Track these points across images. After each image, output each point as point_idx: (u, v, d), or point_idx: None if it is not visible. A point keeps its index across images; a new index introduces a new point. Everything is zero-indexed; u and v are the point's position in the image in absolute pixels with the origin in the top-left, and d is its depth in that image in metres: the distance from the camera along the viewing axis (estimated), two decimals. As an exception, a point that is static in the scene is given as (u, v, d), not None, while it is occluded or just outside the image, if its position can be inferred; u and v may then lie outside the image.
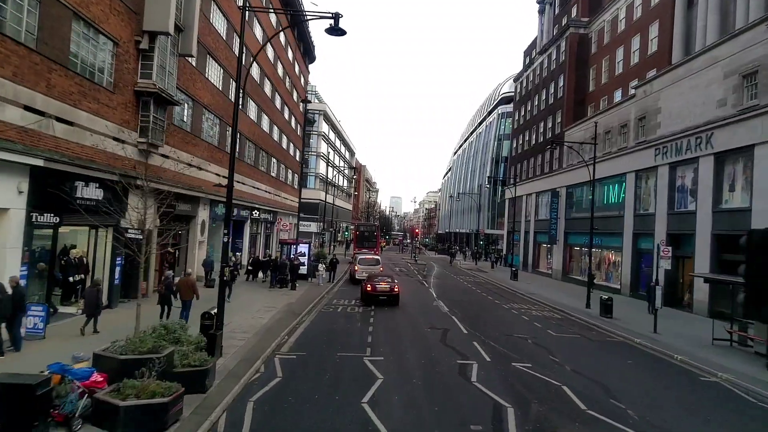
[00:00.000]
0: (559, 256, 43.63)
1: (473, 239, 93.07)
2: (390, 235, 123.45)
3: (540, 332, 18.65)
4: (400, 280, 35.23)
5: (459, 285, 35.47)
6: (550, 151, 47.97)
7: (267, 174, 41.68)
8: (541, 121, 51.06)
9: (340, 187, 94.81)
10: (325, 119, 78.89)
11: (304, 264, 31.32)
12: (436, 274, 43.44)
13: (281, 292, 25.65)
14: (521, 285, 36.97)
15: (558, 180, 44.60)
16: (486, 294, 30.71)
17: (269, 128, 41.69)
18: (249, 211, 35.91)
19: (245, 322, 17.32)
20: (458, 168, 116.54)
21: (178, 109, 22.94)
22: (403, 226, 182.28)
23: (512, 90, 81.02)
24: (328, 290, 27.97)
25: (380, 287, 23.42)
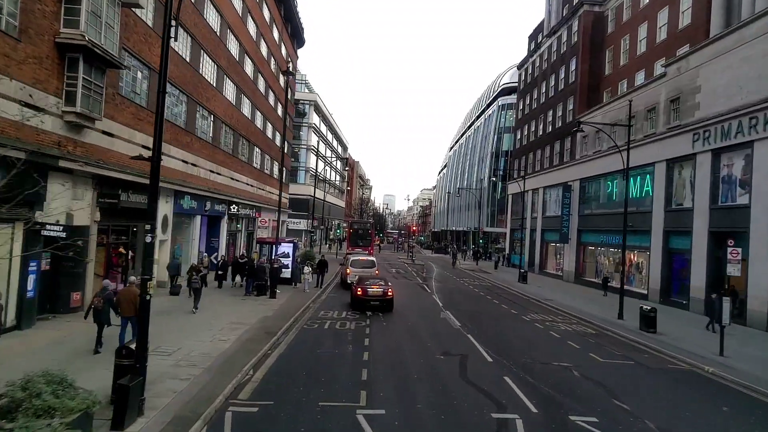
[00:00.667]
0: (572, 256, 39.68)
1: (471, 237, 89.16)
2: (384, 233, 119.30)
3: (582, 357, 14.60)
4: (398, 283, 31.29)
5: (464, 289, 31.39)
6: (560, 141, 43.97)
7: (248, 165, 37.39)
8: (549, 110, 47.05)
9: (332, 183, 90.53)
10: (316, 110, 74.56)
11: (287, 266, 27.13)
12: (436, 276, 39.35)
13: (258, 301, 21.43)
14: (532, 289, 32.99)
15: (570, 173, 40.63)
16: (497, 301, 26.64)
17: (251, 113, 37.37)
18: (226, 205, 31.61)
19: (200, 347, 13.09)
20: (454, 164, 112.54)
21: (128, 78, 18.63)
22: (398, 224, 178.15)
23: (514, 80, 77.13)
24: (315, 297, 23.78)
25: (372, 291, 20.64)
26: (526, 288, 33.56)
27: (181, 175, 23.75)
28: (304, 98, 72.32)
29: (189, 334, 14.36)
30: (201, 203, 26.79)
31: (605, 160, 34.78)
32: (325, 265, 27.84)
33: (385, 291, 20.80)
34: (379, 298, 20.59)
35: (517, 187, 55.00)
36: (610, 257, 35.26)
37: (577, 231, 39.01)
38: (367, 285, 20.96)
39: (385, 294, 20.72)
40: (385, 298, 20.69)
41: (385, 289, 20.90)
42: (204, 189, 26.77)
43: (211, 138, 28.65)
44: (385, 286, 21.08)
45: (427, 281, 34.50)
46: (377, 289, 20.81)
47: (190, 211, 25.44)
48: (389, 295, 20.76)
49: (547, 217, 45.73)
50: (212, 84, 28.15)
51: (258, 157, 40.47)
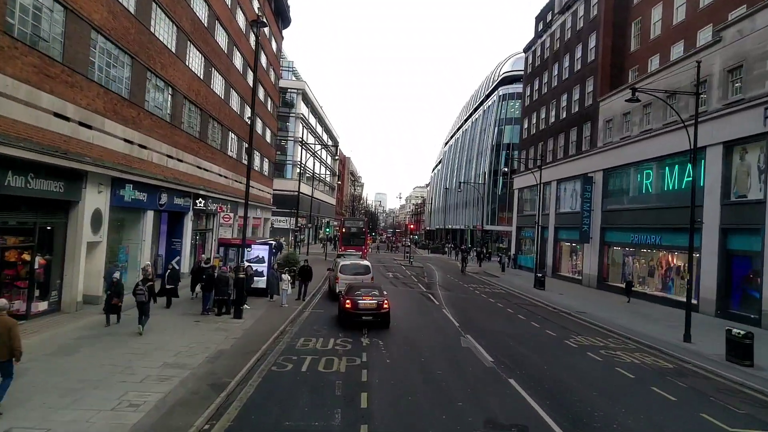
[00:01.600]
0: (593, 257, 34.76)
1: (469, 236, 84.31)
2: (378, 232, 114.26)
3: (690, 419, 9.56)
4: (398, 293, 26.23)
5: (477, 300, 26.33)
6: (577, 128, 39.02)
7: (222, 153, 32.08)
8: (563, 94, 42.12)
9: (321, 179, 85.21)
10: (304, 100, 69.17)
11: (262, 275, 21.93)
12: (441, 281, 34.26)
13: (216, 323, 16.20)
14: (554, 297, 28.05)
15: (590, 163, 35.70)
16: (523, 316, 21.59)
17: (225, 92, 32.04)
18: (191, 198, 26.31)
19: (89, 425, 7.86)
20: (450, 159, 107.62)
21: (24, 12, 13.30)
22: (391, 223, 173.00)
23: (516, 68, 72.40)
24: (295, 316, 18.58)
25: (364, 303, 16.82)
26: (546, 296, 28.61)
27: (122, 158, 18.45)
28: (291, 86, 66.95)
29: (86, 392, 9.14)
30: (153, 195, 21.49)
31: (636, 146, 29.87)
32: (308, 272, 22.57)
33: (380, 303, 16.89)
34: (372, 311, 16.74)
35: (524, 181, 50.16)
36: (642, 259, 30.37)
37: (599, 229, 34.11)
38: (358, 296, 17.02)
39: (380, 306, 16.84)
40: (380, 312, 16.84)
41: (379, 300, 16.97)
42: (157, 177, 21.46)
43: (170, 116, 23.35)
44: (379, 297, 17.17)
45: (431, 288, 29.38)
46: (370, 301, 16.88)
47: (137, 204, 20.12)
48: (385, 308, 16.90)
49: (562, 213, 40.83)
50: (170, 48, 22.81)
51: (234, 144, 35.16)
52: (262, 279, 21.87)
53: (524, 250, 50.48)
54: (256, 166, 42.66)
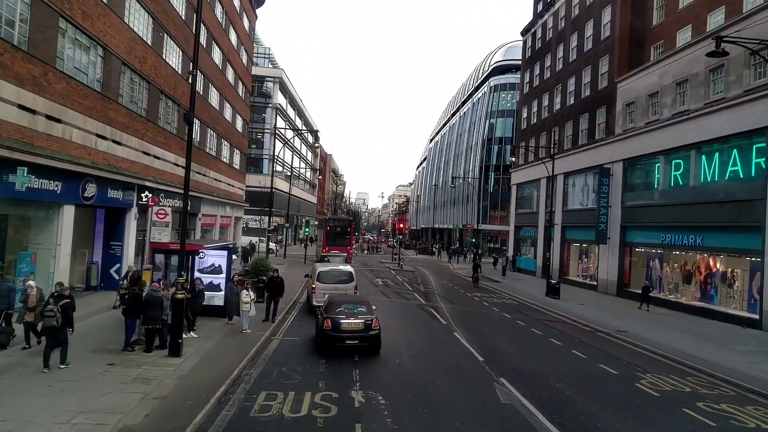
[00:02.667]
0: (612, 260, 30.39)
1: (459, 236, 79.86)
2: (360, 232, 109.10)
3: None
4: (393, 307, 21.41)
5: (490, 315, 21.59)
6: (589, 114, 34.61)
7: (180, 138, 26.87)
8: (570, 77, 37.72)
9: (302, 176, 79.92)
10: (282, 90, 63.84)
11: (219, 289, 16.88)
12: (439, 290, 29.50)
13: (141, 366, 11.16)
14: (575, 308, 23.62)
15: (607, 153, 31.33)
16: (558, 340, 16.89)
17: (183, 68, 26.81)
18: (133, 192, 21.10)
19: None
20: (436, 156, 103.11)
21: None
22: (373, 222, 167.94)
23: (508, 57, 68.22)
24: (258, 347, 13.60)
25: (347, 324, 13.27)
26: (565, 307, 24.10)
27: (16, 132, 13.27)
28: (268, 74, 61.60)
29: None
30: (74, 185, 16.31)
31: (668, 131, 25.52)
32: (278, 286, 17.28)
33: (368, 323, 13.34)
34: (358, 334, 13.25)
35: (522, 176, 45.77)
36: (674, 263, 26.02)
37: (619, 228, 29.75)
38: (340, 314, 13.44)
39: (369, 328, 13.30)
40: (368, 335, 13.29)
41: (367, 320, 13.40)
42: (80, 162, 16.29)
43: (101, 84, 18.15)
44: (367, 315, 13.56)
45: (430, 300, 24.56)
46: (355, 321, 13.32)
47: (45, 196, 14.91)
48: (374, 329, 13.36)
49: (571, 210, 36.44)
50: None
51: (196, 129, 29.89)
52: (218, 294, 16.82)
53: (524, 252, 46.04)
54: (225, 157, 37.45)
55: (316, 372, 11.67)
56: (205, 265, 17.05)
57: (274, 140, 50.45)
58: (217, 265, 17.12)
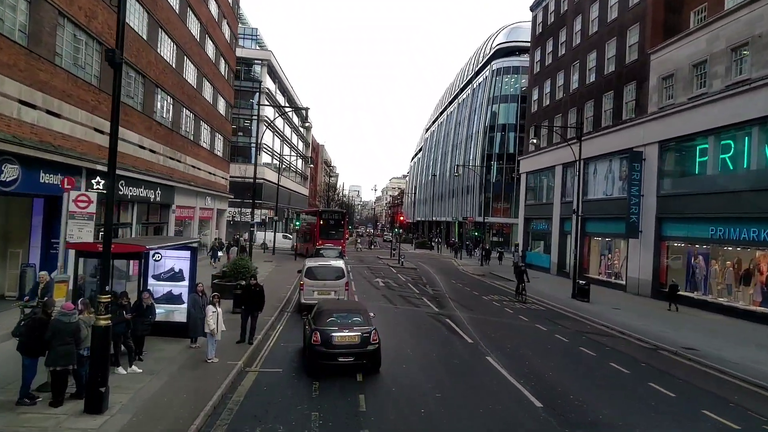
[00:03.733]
0: (645, 256, 26.73)
1: (457, 229, 76.18)
2: (354, 225, 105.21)
3: None
4: (401, 316, 17.60)
5: (521, 328, 17.77)
6: (614, 92, 30.81)
7: (146, 117, 22.80)
8: (590, 52, 33.84)
9: (292, 166, 75.73)
10: (270, 73, 59.59)
11: (180, 300, 12.95)
12: (449, 292, 25.69)
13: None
14: (612, 314, 19.98)
15: (639, 134, 27.61)
16: (620, 365, 13.09)
17: (149, 33, 22.65)
18: (81, 177, 17.05)
19: None
20: (433, 146, 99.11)
21: None
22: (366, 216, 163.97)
23: (512, 39, 64.32)
24: (227, 387, 9.75)
25: (340, 339, 10.95)
26: (600, 312, 20.51)
27: None
28: (255, 56, 57.30)
29: None
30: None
31: (721, 106, 21.77)
32: (256, 297, 13.32)
33: (366, 336, 11.10)
34: (354, 350, 10.99)
35: (532, 164, 42.02)
36: (726, 260, 22.34)
37: (654, 220, 26.09)
38: (332, 326, 11.27)
39: (366, 342, 11.05)
40: (365, 351, 11.05)
41: (364, 332, 11.15)
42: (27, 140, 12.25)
43: (25, 36, 14.04)
44: (364, 327, 11.32)
45: (444, 306, 20.66)
46: (350, 334, 11.11)
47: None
48: (373, 344, 11.12)
49: (592, 200, 32.68)
50: None
51: (167, 107, 25.79)
52: (179, 308, 12.88)
53: (534, 246, 42.33)
54: (205, 142, 33.33)
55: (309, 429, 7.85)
56: (162, 269, 13.10)
57: (258, 122, 46.10)
58: (177, 269, 13.18)
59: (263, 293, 13.31)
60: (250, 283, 13.24)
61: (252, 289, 13.07)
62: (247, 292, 13.12)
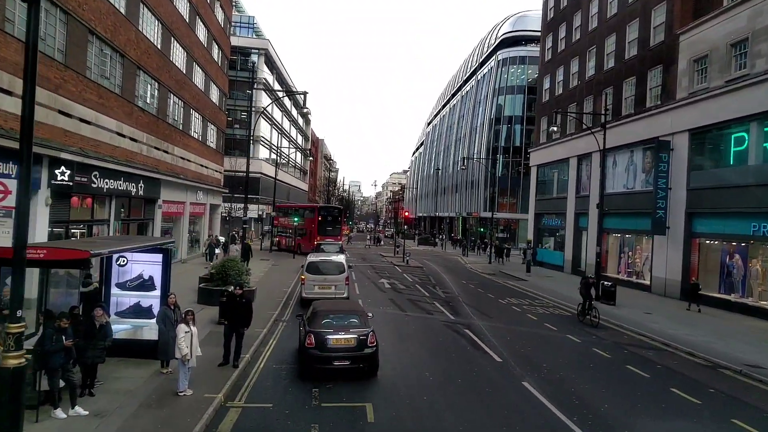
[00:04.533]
0: (674, 254, 24.52)
1: (461, 225, 74.01)
2: (354, 221, 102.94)
3: None
4: (412, 324, 15.35)
5: (553, 338, 15.53)
6: (636, 77, 28.51)
7: (125, 100, 20.49)
8: (609, 36, 31.50)
9: (291, 160, 73.41)
10: (268, 63, 57.19)
11: (148, 314, 10.70)
12: (462, 295, 23.43)
13: None
14: (649, 321, 17.71)
15: (666, 122, 25.33)
16: (689, 393, 10.80)
17: (125, 6, 20.30)
18: (42, 166, 14.75)
19: None
20: (435, 140, 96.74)
21: None
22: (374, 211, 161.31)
23: (518, 28, 61.94)
24: None
25: (336, 341, 10.29)
26: (634, 320, 18.31)
27: None
28: (252, 45, 54.88)
29: None
30: None
31: (763, 89, 19.48)
32: (241, 311, 10.89)
33: (363, 339, 10.42)
34: (350, 354, 10.30)
35: (544, 156, 39.77)
36: None
37: (684, 215, 23.87)
38: (327, 327, 10.57)
39: (363, 345, 10.37)
40: (362, 354, 10.35)
41: (361, 334, 10.47)
42: None
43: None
44: (361, 329, 10.64)
45: (459, 313, 18.39)
46: (346, 336, 10.43)
47: None
48: (370, 347, 10.43)
49: (610, 194, 30.24)
50: None
51: (151, 91, 23.47)
52: (149, 323, 10.64)
53: (546, 243, 40.09)
54: (197, 132, 31.05)
55: None
56: (129, 277, 10.86)
57: (251, 109, 43.68)
58: (146, 276, 10.93)
59: (250, 306, 11.02)
60: (233, 293, 10.93)
61: (236, 301, 10.79)
62: (231, 303, 10.85)
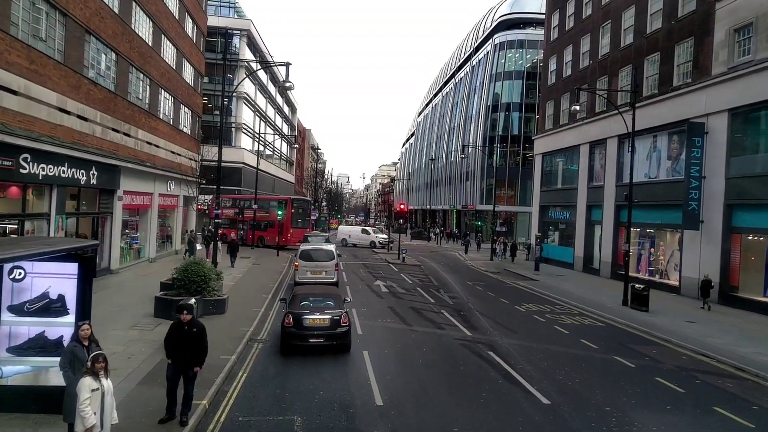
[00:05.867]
0: (709, 252, 21.66)
1: (455, 218, 71.08)
2: (343, 215, 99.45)
3: None
4: (418, 341, 12.03)
5: (597, 361, 12.45)
6: (660, 54, 25.49)
7: (74, 72, 16.95)
8: (627, 8, 28.42)
9: (276, 151, 69.73)
10: (251, 46, 53.44)
11: (54, 351, 7.33)
12: (471, 300, 20.26)
13: None
14: (697, 333, 14.95)
15: (700, 101, 22.41)
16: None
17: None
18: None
19: None
20: (426, 130, 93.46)
21: None
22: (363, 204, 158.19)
23: (516, 10, 58.80)
24: None
25: (311, 321, 11.66)
26: (678, 331, 15.61)
27: None
28: (233, 26, 50.88)
29: None
30: None
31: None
32: (189, 344, 7.49)
33: (336, 319, 11.70)
34: (324, 332, 11.59)
35: (550, 143, 36.81)
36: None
37: (723, 207, 21.00)
38: (304, 309, 11.86)
39: (336, 324, 11.66)
40: (335, 333, 11.61)
41: (334, 315, 11.75)
42: None
43: None
44: (335, 310, 11.90)
45: (474, 325, 15.22)
46: (321, 317, 11.70)
47: None
48: (343, 326, 11.70)
49: (627, 185, 27.27)
50: None
51: (108, 64, 19.91)
52: (53, 362, 7.29)
53: (552, 238, 37.13)
54: (166, 114, 27.52)
55: None
56: (28, 296, 7.52)
57: (225, 77, 40.09)
58: (54, 296, 7.58)
59: (203, 337, 7.60)
60: (180, 320, 7.60)
61: (183, 331, 7.47)
62: (176, 334, 7.51)
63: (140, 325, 13.35)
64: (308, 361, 11.12)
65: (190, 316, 7.53)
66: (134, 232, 24.35)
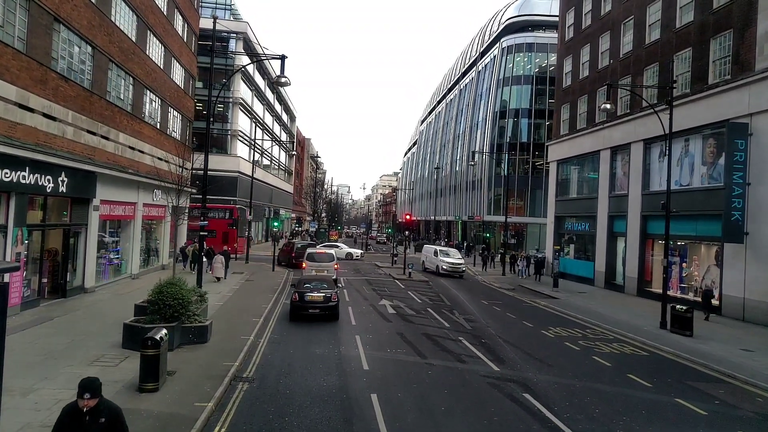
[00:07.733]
0: (757, 268, 19.30)
1: (460, 229, 68.71)
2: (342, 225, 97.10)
3: None
4: (438, 382, 9.73)
5: (666, 412, 10.03)
6: (692, 49, 23.31)
7: (39, 64, 14.74)
8: (653, 2, 26.29)
9: (274, 161, 67.64)
10: (247, 49, 51.35)
11: None
12: (491, 324, 17.87)
13: None
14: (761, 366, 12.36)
15: (742, 100, 20.24)
16: None
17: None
18: None
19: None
20: (429, 139, 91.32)
21: None
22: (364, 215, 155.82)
23: (524, 12, 56.88)
24: None
25: (311, 297, 16.50)
26: (735, 362, 13.07)
27: None
28: (228, 29, 48.98)
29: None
30: None
31: None
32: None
33: (328, 296, 16.60)
34: (319, 305, 16.44)
35: (565, 150, 34.61)
36: None
37: (772, 217, 18.63)
38: (306, 289, 16.84)
39: (328, 300, 16.56)
40: (327, 305, 16.55)
41: (327, 293, 16.65)
42: None
43: None
44: (328, 290, 16.86)
45: (503, 361, 12.64)
46: (317, 294, 16.58)
47: None
48: (333, 301, 16.63)
49: (655, 193, 25.19)
50: None
51: (82, 58, 17.73)
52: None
53: (568, 251, 34.72)
54: (152, 118, 25.34)
55: None
56: None
57: (212, 66, 37.99)
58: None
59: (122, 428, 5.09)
60: (76, 407, 4.82)
61: (84, 422, 4.73)
62: (74, 426, 4.83)
63: (104, 359, 11.05)
64: (304, 409, 8.77)
65: (96, 400, 4.91)
66: (114, 246, 22.05)
